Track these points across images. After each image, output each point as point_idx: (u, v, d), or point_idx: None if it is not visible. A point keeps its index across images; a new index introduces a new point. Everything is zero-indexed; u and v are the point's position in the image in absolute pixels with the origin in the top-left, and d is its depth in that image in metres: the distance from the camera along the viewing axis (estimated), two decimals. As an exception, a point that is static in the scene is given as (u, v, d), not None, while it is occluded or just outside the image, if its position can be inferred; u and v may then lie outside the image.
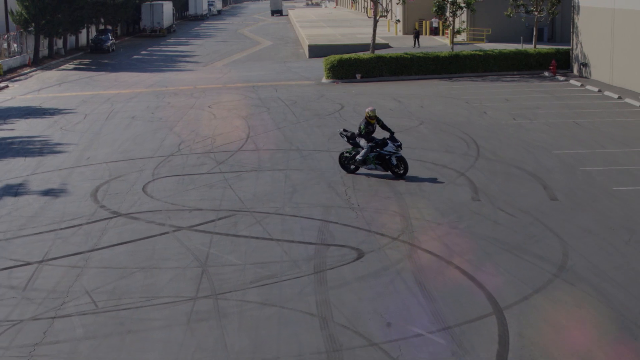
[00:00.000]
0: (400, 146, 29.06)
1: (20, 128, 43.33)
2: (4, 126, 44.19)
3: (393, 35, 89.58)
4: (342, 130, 30.48)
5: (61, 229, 24.48)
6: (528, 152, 32.34)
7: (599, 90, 48.35)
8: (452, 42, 63.75)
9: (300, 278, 19.48)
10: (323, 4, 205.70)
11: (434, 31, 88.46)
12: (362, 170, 29.86)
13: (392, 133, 29.51)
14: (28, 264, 21.45)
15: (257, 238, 22.64)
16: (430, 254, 20.82)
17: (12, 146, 38.45)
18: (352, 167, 29.79)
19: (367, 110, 29.65)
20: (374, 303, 17.74)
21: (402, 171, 28.95)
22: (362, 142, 29.19)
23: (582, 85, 51.04)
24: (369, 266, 20.08)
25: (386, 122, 33.65)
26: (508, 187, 27.01)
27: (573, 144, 33.70)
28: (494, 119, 39.81)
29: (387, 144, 28.90)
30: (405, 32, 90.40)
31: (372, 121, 29.36)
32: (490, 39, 75.46)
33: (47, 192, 29.04)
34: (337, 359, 15.26)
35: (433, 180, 28.26)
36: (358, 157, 29.20)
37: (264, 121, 41.52)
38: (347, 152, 29.85)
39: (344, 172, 29.96)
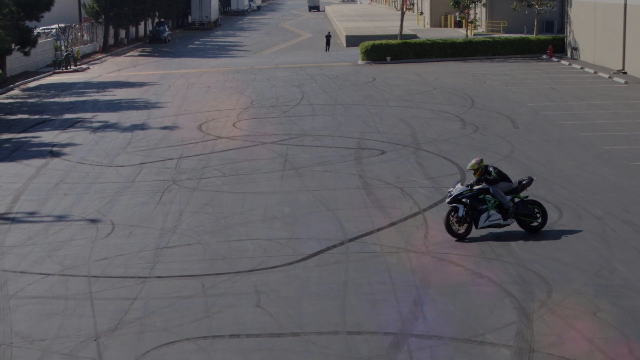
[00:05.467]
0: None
1: (120, 94, 56.15)
2: (106, 93, 57.05)
3: (421, 28, 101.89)
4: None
5: (184, 144, 37.27)
6: (508, 104, 44.81)
7: (581, 68, 60.61)
8: (467, 31, 75.99)
9: (345, 162, 32.20)
10: (358, 0, 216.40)
11: (458, 24, 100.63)
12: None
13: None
14: (172, 159, 34.30)
15: (317, 146, 35.37)
16: (428, 152, 33.52)
17: (121, 104, 51.31)
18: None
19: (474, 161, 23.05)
20: (390, 170, 30.44)
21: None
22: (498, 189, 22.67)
23: (569, 65, 63.30)
24: (388, 157, 32.79)
25: (408, 90, 46.13)
26: (487, 122, 39.55)
27: (544, 100, 46.14)
28: (490, 86, 52.29)
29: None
30: (432, 25, 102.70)
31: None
32: (506, 30, 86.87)
33: (165, 128, 41.78)
34: (369, 190, 27.94)
35: (436, 119, 40.84)
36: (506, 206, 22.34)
37: (313, 88, 54.22)
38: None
39: (377, 116, 42.47)
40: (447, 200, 22.30)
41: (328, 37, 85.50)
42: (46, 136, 40.36)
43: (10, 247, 22.97)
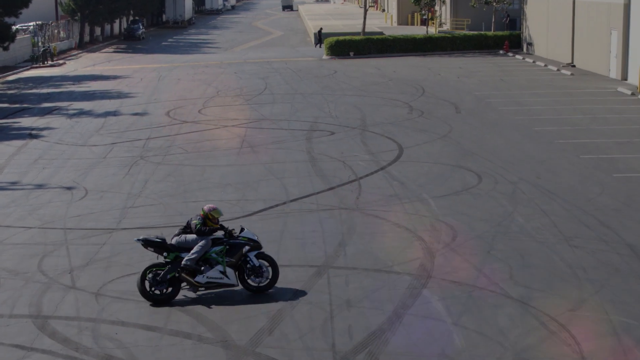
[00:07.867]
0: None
1: (94, 86, 59.31)
2: (81, 85, 60.21)
3: (388, 26, 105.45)
4: (142, 238, 18.99)
5: (153, 127, 40.61)
6: (456, 93, 48.37)
7: (533, 62, 64.30)
8: (429, 28, 79.61)
9: (297, 141, 35.61)
10: (332, 0, 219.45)
11: (424, 22, 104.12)
12: (187, 293, 18.76)
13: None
14: (140, 139, 37.64)
15: (274, 128, 38.79)
16: (374, 132, 36.99)
17: (95, 95, 54.50)
18: (164, 289, 18.41)
19: (206, 207, 18.95)
20: (336, 147, 33.78)
21: (265, 281, 18.52)
22: (193, 237, 18.73)
23: (523, 59, 66.99)
24: (336, 137, 36.20)
25: (366, 81, 49.73)
26: (433, 108, 43.08)
27: (490, 89, 49.75)
28: (443, 78, 55.86)
29: (243, 229, 19.03)
30: (399, 23, 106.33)
31: (213, 225, 18.79)
32: (470, 28, 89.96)
33: (136, 114, 45.06)
34: (314, 163, 31.40)
35: (386, 106, 44.34)
36: (186, 259, 18.36)
37: (277, 80, 57.62)
38: (155, 267, 18.56)
39: (332, 104, 45.93)
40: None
41: (319, 32, 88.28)
42: (25, 122, 43.53)
43: (-5, 208, 26.26)
